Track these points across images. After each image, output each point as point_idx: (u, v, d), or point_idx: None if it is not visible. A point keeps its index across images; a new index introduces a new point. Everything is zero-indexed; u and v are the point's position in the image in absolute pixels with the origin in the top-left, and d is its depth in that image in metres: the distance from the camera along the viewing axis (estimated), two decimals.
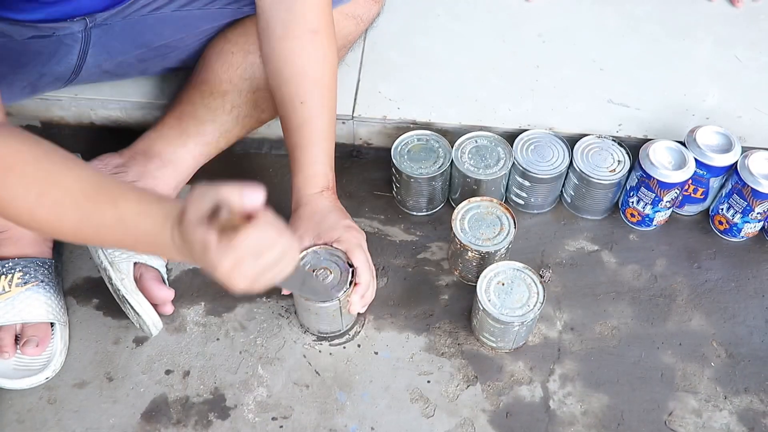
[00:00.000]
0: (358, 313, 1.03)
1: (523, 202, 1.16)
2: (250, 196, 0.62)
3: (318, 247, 0.99)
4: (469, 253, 1.04)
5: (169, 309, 1.04)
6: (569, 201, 1.17)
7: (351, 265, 0.97)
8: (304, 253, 0.98)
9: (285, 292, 1.03)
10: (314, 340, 1.05)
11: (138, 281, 1.00)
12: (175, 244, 0.66)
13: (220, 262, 0.62)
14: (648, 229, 1.16)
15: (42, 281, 1.02)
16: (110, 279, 0.99)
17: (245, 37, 1.09)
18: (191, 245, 0.64)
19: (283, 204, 1.01)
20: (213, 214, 0.62)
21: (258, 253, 0.63)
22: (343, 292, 0.96)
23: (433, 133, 1.14)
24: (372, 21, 1.26)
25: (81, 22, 0.98)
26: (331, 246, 0.98)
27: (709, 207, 1.17)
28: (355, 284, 0.97)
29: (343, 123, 1.19)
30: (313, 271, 0.97)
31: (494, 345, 1.04)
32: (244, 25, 1.11)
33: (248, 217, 0.62)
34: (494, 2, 1.34)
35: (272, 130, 1.21)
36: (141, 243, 0.70)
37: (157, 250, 0.72)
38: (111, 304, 1.05)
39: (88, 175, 0.71)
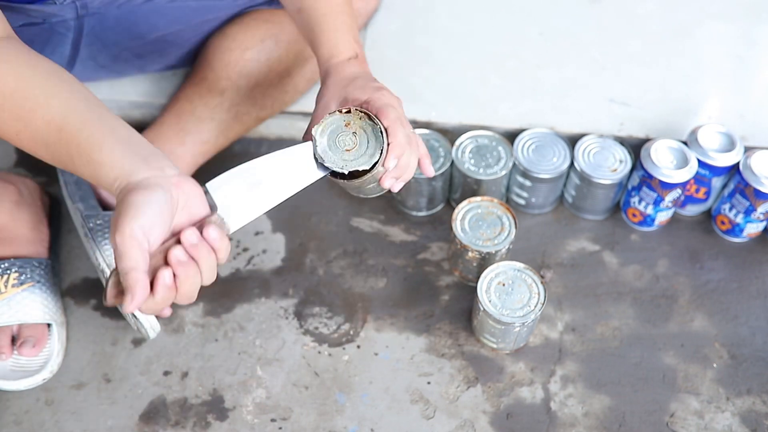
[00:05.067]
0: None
1: (524, 202, 1.16)
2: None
3: (339, 111, 0.83)
4: (470, 254, 1.03)
5: (167, 312, 1.03)
6: (570, 201, 1.16)
7: (383, 131, 0.81)
8: (324, 119, 0.83)
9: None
10: (313, 341, 1.04)
11: None
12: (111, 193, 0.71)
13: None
14: (650, 229, 1.16)
15: (38, 282, 1.01)
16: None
17: (243, 34, 1.09)
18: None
19: (283, 204, 1.00)
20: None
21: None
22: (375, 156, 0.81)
23: (433, 132, 1.14)
24: (369, 16, 1.25)
25: (71, 6, 0.96)
26: (358, 109, 0.83)
27: (711, 207, 1.16)
28: (389, 149, 0.81)
29: None
30: (336, 137, 0.82)
31: (495, 346, 1.03)
32: (242, 22, 1.10)
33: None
34: (495, 1, 1.33)
35: (271, 129, 1.21)
36: (81, 173, 0.73)
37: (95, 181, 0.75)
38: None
39: (59, 111, 0.73)
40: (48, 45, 1.01)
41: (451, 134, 1.16)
